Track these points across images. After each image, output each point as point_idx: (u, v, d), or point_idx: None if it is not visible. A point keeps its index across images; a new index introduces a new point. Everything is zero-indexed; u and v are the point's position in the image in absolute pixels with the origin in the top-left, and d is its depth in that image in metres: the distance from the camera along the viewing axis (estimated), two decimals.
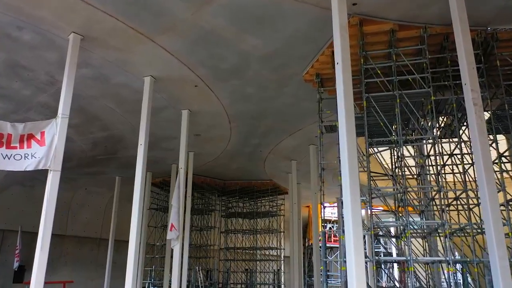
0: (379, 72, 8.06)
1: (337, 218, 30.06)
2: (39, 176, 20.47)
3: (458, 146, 8.43)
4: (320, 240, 17.89)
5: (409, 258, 6.81)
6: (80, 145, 14.63)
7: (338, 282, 31.81)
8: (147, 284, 20.20)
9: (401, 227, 9.63)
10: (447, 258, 6.66)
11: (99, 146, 15.08)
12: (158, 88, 11.17)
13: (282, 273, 25.34)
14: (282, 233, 23.74)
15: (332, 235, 32.42)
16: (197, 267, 20.38)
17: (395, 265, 17.74)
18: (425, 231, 8.87)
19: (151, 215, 20.93)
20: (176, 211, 11.69)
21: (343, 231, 8.37)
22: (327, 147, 12.57)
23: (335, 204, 29.05)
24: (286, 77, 10.72)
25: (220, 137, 15.16)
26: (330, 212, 30.29)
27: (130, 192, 10.11)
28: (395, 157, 9.43)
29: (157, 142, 15.53)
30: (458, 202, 8.89)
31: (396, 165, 9.36)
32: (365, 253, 9.26)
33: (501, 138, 10.12)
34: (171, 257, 21.30)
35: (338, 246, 29.46)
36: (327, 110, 9.90)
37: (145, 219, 20.34)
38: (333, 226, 32.60)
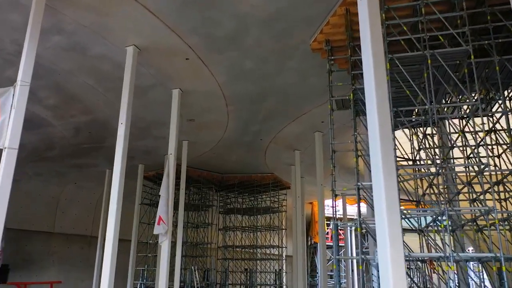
0: (405, 28, 6.62)
1: (341, 215, 28.66)
2: (26, 169, 19.18)
3: (499, 119, 6.98)
4: (329, 236, 16.37)
5: (448, 254, 5.36)
6: (61, 131, 13.20)
7: (342, 282, 30.42)
8: (139, 284, 18.79)
9: (426, 218, 8.21)
10: (498, 255, 5.24)
11: (82, 132, 13.64)
12: (144, 61, 9.76)
13: (284, 273, 23.88)
14: (284, 230, 22.29)
15: None
16: (192, 267, 18.96)
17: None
18: (457, 223, 7.43)
19: (143, 211, 19.48)
20: (165, 203, 10.28)
21: (360, 224, 6.95)
22: (335, 133, 11.15)
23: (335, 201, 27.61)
24: (290, 47, 9.29)
25: (217, 123, 13.73)
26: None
27: (124, 187, 8.82)
28: (421, 135, 7.98)
29: (147, 129, 14.12)
30: (498, 189, 7.45)
31: (421, 146, 7.91)
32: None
33: None
34: None
35: (343, 245, 28.04)
36: (339, 83, 8.47)
37: (137, 215, 18.98)
38: (337, 225, 31.12)
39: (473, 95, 8.33)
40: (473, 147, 6.73)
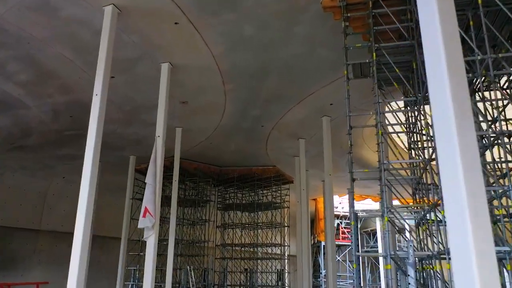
0: None
1: (347, 213, 27.31)
2: (10, 163, 17.82)
3: None
4: (351, 231, 14.81)
5: None
6: (38, 114, 11.77)
7: (347, 283, 29.06)
8: (130, 285, 17.40)
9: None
10: None
11: (63, 116, 12.21)
12: (126, 25, 8.36)
13: (286, 273, 22.47)
14: (286, 228, 20.85)
15: (341, 231, 29.67)
16: (188, 267, 17.56)
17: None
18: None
19: (135, 207, 18.07)
20: (152, 191, 8.88)
21: (387, 213, 5.56)
22: (345, 118, 9.75)
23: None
24: (297, 8, 7.87)
25: (213, 106, 12.32)
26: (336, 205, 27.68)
27: (116, 181, 7.65)
28: None
29: (136, 113, 12.73)
30: None
31: None
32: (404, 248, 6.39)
33: None
34: (159, 255, 18.53)
35: (348, 243, 26.71)
36: (357, 44, 7.06)
37: (127, 211, 17.61)
38: (341, 222, 29.83)
39: None
40: None
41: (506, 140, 4.96)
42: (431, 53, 2.98)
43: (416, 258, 7.40)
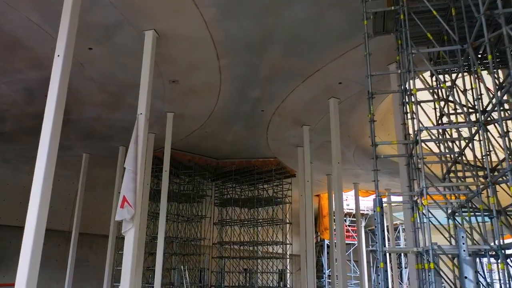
0: None
1: (351, 210, 25.98)
2: None
3: None
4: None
5: None
6: (8, 93, 10.43)
7: (351, 283, 27.74)
8: (119, 286, 16.08)
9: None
10: None
11: (37, 96, 10.84)
12: None
13: (288, 274, 21.16)
14: (288, 225, 19.52)
15: (345, 230, 28.37)
16: (182, 266, 16.26)
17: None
18: None
19: None
20: (132, 178, 7.55)
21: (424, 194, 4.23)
22: (353, 101, 8.37)
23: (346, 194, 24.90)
24: None
25: (207, 85, 10.99)
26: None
27: (106, 175, 6.47)
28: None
29: (121, 94, 11.41)
30: None
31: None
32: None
33: None
34: (151, 254, 17.25)
35: (353, 242, 25.39)
36: None
37: (116, 206, 16.30)
38: (345, 220, 28.51)
39: None
40: None
41: None
42: None
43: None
